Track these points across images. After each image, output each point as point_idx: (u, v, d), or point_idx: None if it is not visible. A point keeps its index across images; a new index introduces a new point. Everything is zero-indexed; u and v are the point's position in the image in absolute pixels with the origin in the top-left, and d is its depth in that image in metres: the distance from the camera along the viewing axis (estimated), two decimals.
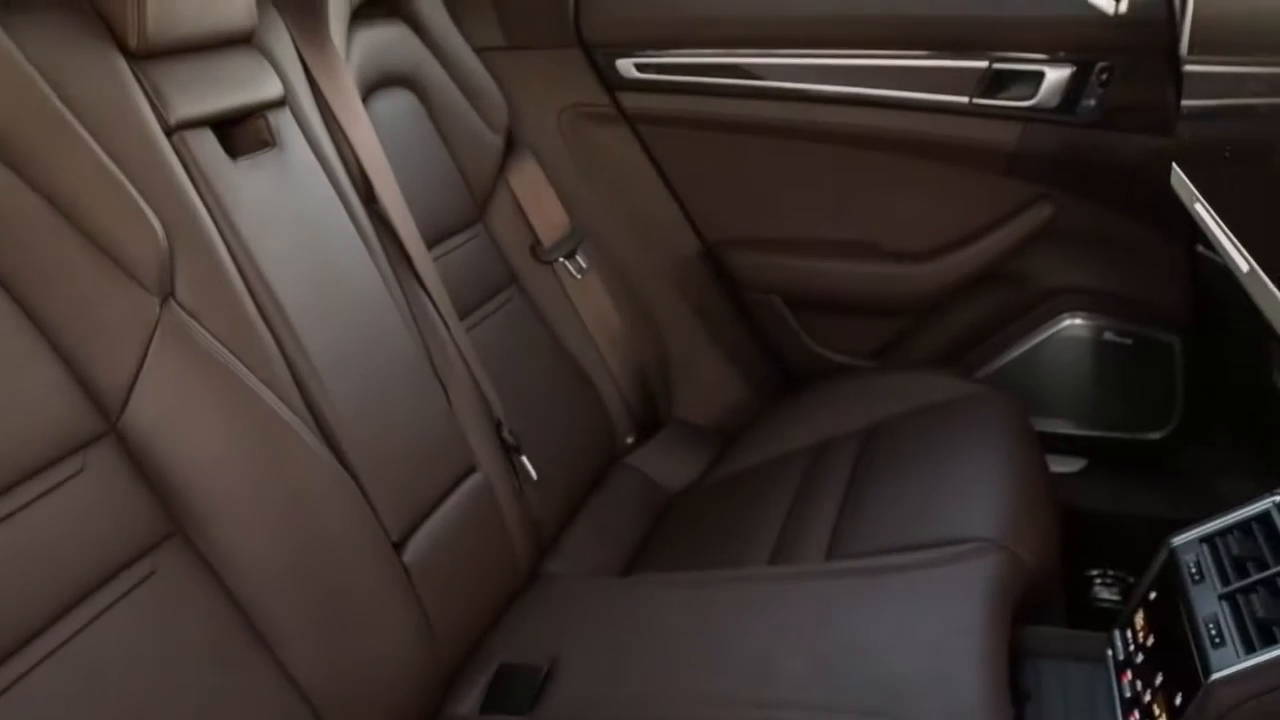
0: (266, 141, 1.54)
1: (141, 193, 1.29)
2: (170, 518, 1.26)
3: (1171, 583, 1.42)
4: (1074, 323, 2.49)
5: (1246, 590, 1.29)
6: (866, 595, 1.63)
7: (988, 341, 2.56)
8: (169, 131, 1.38)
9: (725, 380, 2.70)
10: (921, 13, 2.38)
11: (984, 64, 2.32)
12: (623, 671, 1.57)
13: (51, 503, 1.14)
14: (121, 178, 1.27)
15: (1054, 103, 2.30)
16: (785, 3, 2.46)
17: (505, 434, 1.80)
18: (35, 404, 1.16)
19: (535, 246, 2.24)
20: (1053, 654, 1.64)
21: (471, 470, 1.70)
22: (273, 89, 1.57)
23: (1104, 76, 2.25)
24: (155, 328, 1.27)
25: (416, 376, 1.65)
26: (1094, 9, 1.96)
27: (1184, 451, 2.45)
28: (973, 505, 1.82)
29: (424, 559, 1.53)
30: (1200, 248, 2.19)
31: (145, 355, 1.26)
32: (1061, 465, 2.50)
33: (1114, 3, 1.78)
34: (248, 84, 1.53)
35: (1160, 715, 1.30)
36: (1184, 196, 1.35)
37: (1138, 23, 2.16)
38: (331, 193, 1.62)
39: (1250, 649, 1.21)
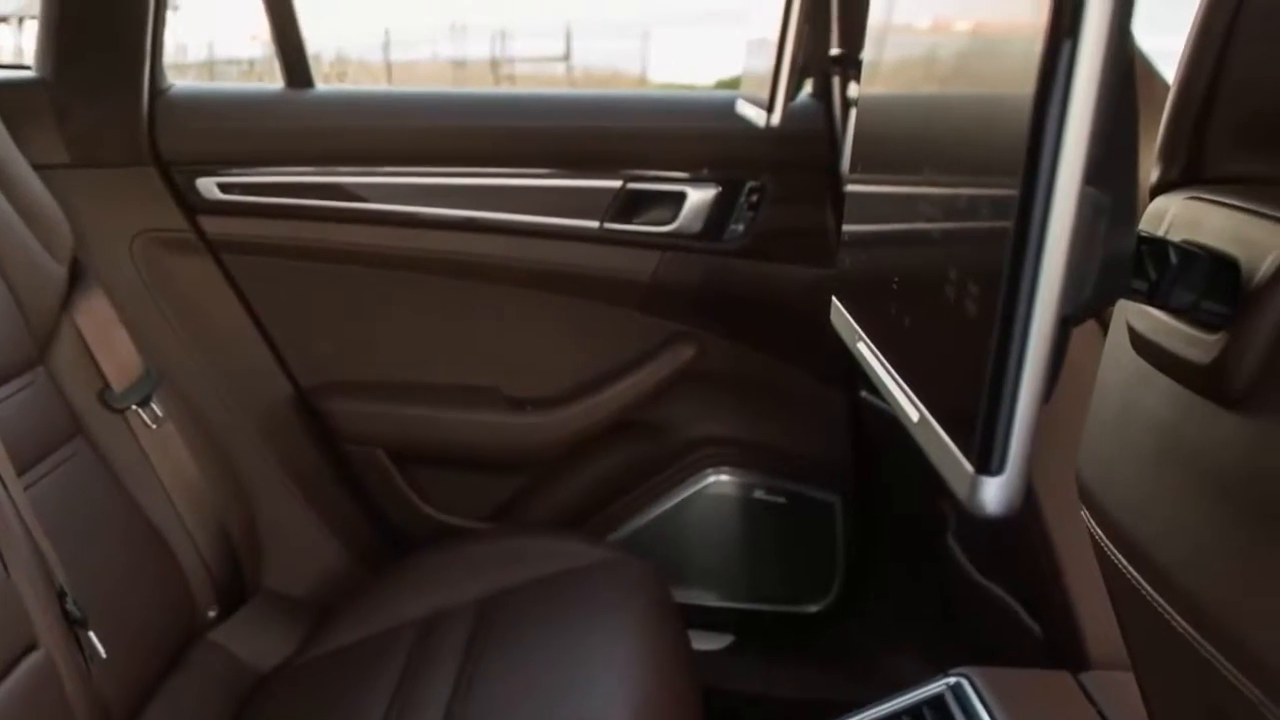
0: None
1: None
2: None
3: None
4: (720, 479, 2.57)
5: None
6: None
7: (622, 500, 2.62)
8: None
9: (322, 545, 2.67)
10: (545, 125, 2.46)
11: (617, 183, 2.40)
12: None
13: None
14: None
15: (697, 228, 2.40)
16: (389, 113, 2.52)
17: (69, 606, 1.73)
18: None
19: (104, 392, 2.17)
20: None
21: (31, 647, 1.62)
22: None
23: (754, 198, 2.37)
24: None
25: None
26: (742, 121, 2.06)
27: (846, 625, 2.56)
28: (603, 687, 1.85)
29: None
30: (864, 393, 2.32)
31: None
32: (706, 642, 2.56)
33: (765, 114, 1.88)
34: None
35: None
36: (845, 334, 1.42)
37: (793, 137, 2.29)
38: None
39: None
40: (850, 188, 1.36)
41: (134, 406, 2.21)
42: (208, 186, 2.46)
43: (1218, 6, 0.81)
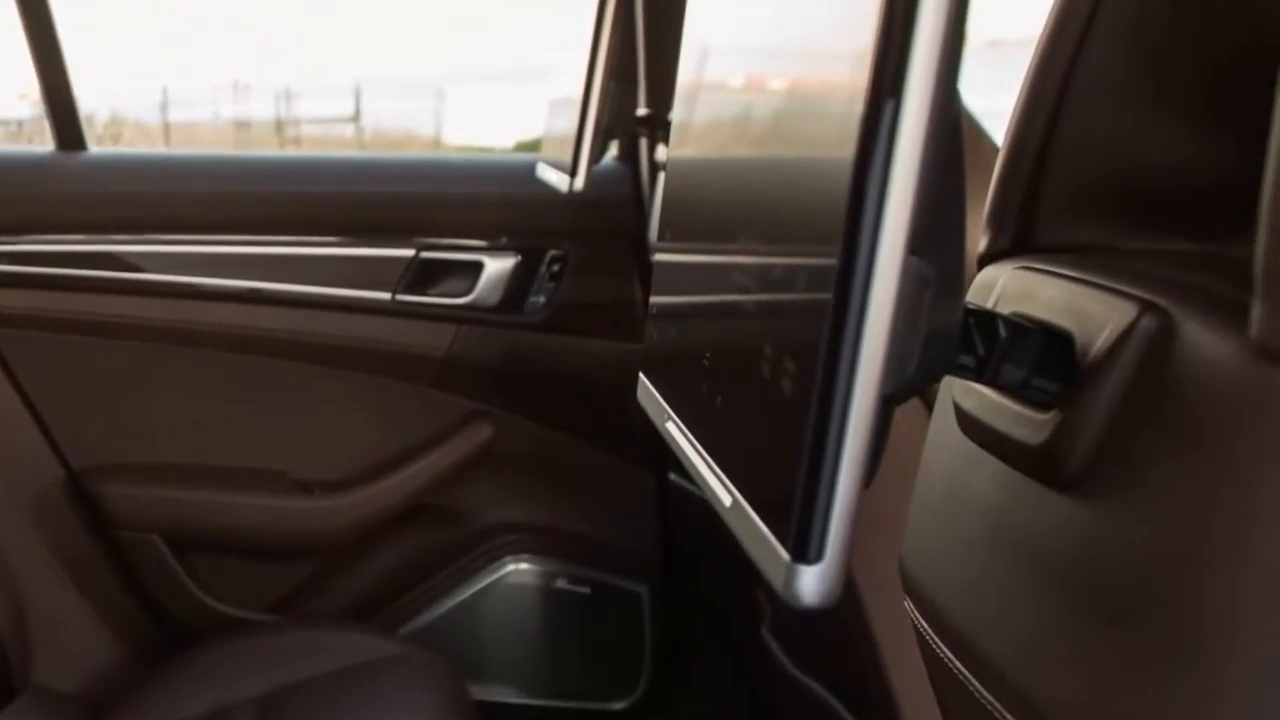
0: None
1: None
2: None
3: None
4: (520, 567, 2.56)
5: None
6: None
7: (416, 590, 2.60)
8: None
9: (95, 638, 2.58)
10: (333, 191, 2.45)
11: (410, 253, 2.39)
12: None
13: None
14: None
15: (495, 299, 2.40)
16: (167, 178, 2.48)
17: None
18: None
19: None
20: None
21: None
22: None
23: (556, 268, 2.37)
24: None
25: None
26: (544, 186, 2.07)
27: None
28: None
29: None
30: (673, 476, 2.33)
31: None
32: None
33: (567, 178, 1.89)
34: None
35: None
36: (653, 413, 1.42)
37: (597, 203, 2.30)
38: None
39: None
40: (658, 257, 1.36)
41: None
42: None
43: (1050, 63, 0.82)
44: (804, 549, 0.63)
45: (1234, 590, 0.60)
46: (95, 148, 2.50)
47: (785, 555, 0.65)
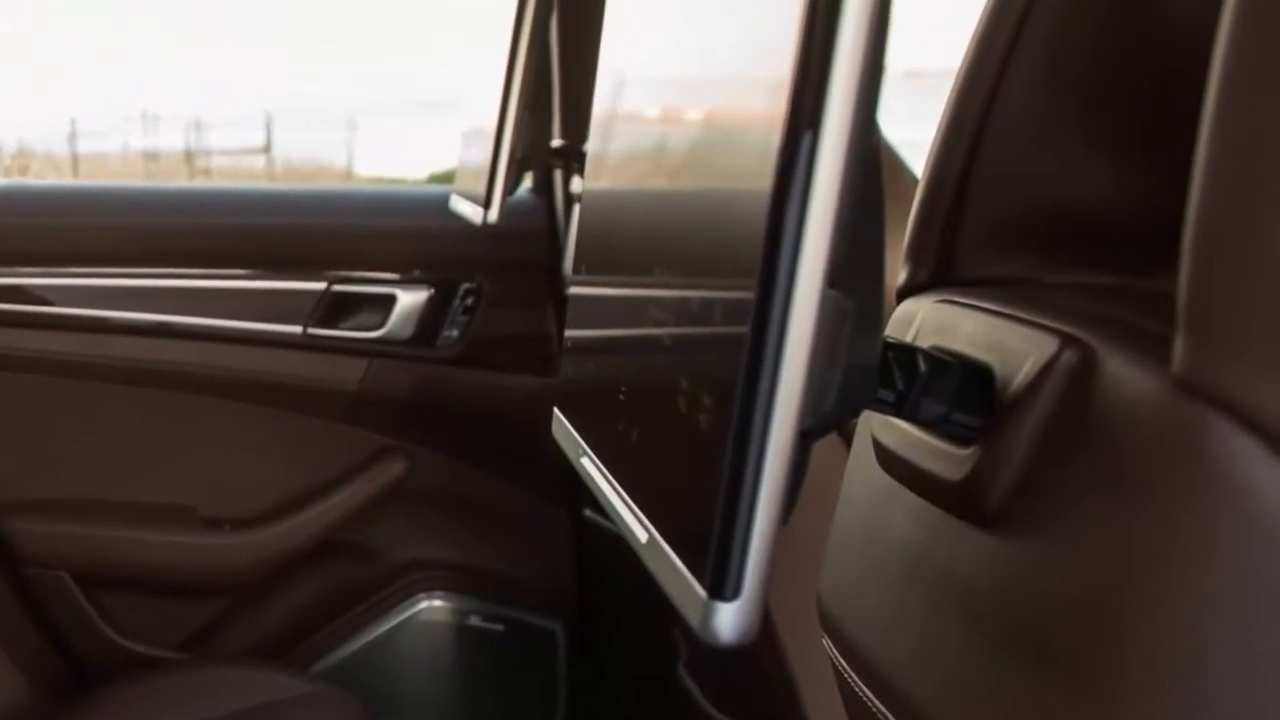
0: None
1: None
2: None
3: None
4: (433, 605, 2.54)
5: None
6: None
7: (327, 628, 2.58)
8: None
9: (1, 676, 2.51)
10: (244, 223, 2.43)
11: (321, 285, 2.38)
12: None
13: None
14: None
15: (407, 333, 2.39)
16: (76, 210, 2.47)
17: None
18: None
19: None
20: None
21: None
22: None
23: (470, 301, 2.36)
24: None
25: None
26: (457, 218, 2.06)
27: None
28: None
29: None
30: (588, 512, 2.32)
31: None
32: None
33: (481, 210, 1.88)
34: None
35: None
36: (567, 449, 1.41)
37: (511, 235, 2.30)
38: None
39: None
40: (573, 290, 1.36)
41: None
42: None
43: (970, 95, 0.82)
44: (721, 586, 0.62)
45: (1156, 628, 0.60)
46: (2, 179, 2.48)
47: (702, 592, 0.64)
